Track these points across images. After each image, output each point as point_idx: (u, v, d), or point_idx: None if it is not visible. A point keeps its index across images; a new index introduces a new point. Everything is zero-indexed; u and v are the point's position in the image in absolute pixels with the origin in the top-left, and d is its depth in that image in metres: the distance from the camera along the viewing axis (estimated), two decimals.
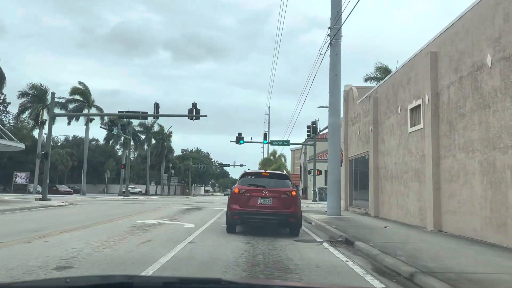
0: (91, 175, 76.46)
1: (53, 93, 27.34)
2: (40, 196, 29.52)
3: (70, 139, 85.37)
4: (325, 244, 9.56)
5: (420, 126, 13.71)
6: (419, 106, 13.89)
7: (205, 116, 27.80)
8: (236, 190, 10.65)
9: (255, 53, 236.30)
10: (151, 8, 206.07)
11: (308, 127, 35.29)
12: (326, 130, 51.45)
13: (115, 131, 34.83)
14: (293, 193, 10.66)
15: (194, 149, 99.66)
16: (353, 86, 23.85)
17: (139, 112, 28.10)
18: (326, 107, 31.34)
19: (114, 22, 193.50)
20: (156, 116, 27.68)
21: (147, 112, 28.16)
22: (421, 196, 13.62)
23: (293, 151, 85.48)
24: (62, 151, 76.80)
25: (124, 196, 42.22)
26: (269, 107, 69.14)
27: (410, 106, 14.58)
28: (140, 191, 74.69)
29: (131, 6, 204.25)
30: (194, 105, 27.84)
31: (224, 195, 77.57)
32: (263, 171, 11.86)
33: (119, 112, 28.41)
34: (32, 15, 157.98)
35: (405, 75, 15.19)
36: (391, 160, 16.57)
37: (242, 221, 10.66)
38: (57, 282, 1.84)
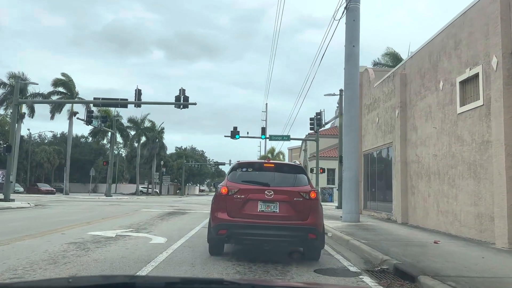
0: (80, 174, 72.59)
1: (17, 77, 23.51)
2: (13, 195, 26.02)
3: (58, 136, 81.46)
4: (368, 280, 5.81)
5: (479, 102, 10.00)
6: (476, 76, 10.18)
7: (194, 104, 23.96)
8: (224, 190, 6.93)
9: (251, 52, 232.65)
10: (147, 7, 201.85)
11: (311, 119, 31.49)
12: (329, 125, 47.84)
13: (94, 123, 30.95)
14: (312, 195, 6.91)
15: (188, 147, 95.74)
16: (368, 67, 20.14)
17: (117, 99, 24.24)
18: (333, 94, 27.63)
19: (108, 20, 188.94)
20: (138, 104, 23.91)
21: (127, 100, 24.29)
22: (480, 198, 9.92)
23: (290, 150, 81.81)
24: (49, 149, 73.14)
25: (106, 196, 38.25)
26: (266, 104, 65.48)
27: (460, 78, 10.87)
28: (156, 191, 70.87)
29: (125, 5, 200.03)
30: (182, 91, 24.01)
31: None
32: (264, 161, 8.00)
33: (95, 99, 24.52)
34: (26, 13, 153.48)
35: (451, 38, 11.47)
36: (427, 151, 12.86)
37: (233, 238, 6.91)
38: (59, 282, 1.68)
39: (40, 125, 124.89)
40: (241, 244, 7.52)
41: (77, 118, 32.62)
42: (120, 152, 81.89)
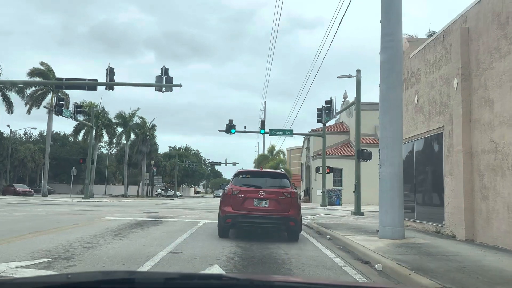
0: (66, 174, 68.11)
1: None
2: None
3: (44, 134, 76.95)
4: None
5: None
6: None
7: (180, 86, 19.53)
8: (229, 191, 9.64)
9: (244, 54, 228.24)
10: (143, 8, 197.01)
11: (319, 110, 27.06)
12: (333, 122, 43.39)
13: (66, 113, 26.45)
14: (293, 194, 9.59)
15: (182, 147, 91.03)
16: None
17: (85, 80, 19.78)
18: (349, 76, 23.14)
19: (99, 20, 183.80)
20: (109, 85, 19.51)
21: (96, 80, 19.87)
22: None
23: (289, 150, 77.70)
24: (34, 147, 68.75)
25: (83, 198, 33.66)
26: (264, 102, 61.18)
27: None
28: (176, 193, 67.00)
29: (120, 5, 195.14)
30: (164, 70, 19.57)
31: (214, 197, 68.99)
32: (258, 169, 11.00)
33: (57, 79, 20.09)
34: (19, 12, 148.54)
35: None
36: None
37: (236, 225, 9.60)
38: (58, 278, 1.68)
39: (32, 124, 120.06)
40: (241, 229, 10.01)
41: (44, 107, 28.04)
42: (112, 151, 77.33)
